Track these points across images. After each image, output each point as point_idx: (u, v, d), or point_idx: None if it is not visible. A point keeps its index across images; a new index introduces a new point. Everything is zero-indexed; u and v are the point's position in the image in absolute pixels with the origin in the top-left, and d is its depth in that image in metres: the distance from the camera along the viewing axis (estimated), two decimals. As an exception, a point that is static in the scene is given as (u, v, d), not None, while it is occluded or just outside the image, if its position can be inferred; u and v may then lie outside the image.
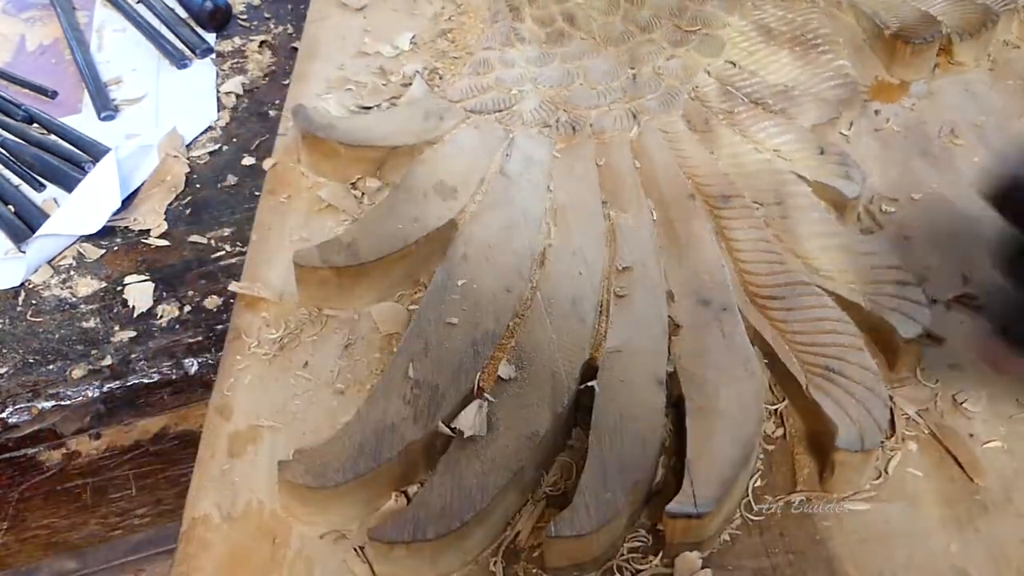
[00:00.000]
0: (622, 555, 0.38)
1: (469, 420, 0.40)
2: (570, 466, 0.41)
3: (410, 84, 0.63)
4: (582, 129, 0.58)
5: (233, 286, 0.50)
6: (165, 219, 0.57)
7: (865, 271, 0.47)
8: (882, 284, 0.46)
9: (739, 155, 0.55)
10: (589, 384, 0.42)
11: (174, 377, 0.50)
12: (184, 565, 0.39)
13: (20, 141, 0.62)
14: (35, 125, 0.64)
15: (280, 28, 0.75)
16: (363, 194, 0.55)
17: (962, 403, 0.43)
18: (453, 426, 0.40)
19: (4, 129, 0.62)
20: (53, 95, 0.67)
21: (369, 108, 0.62)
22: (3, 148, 0.61)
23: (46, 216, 0.56)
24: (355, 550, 0.39)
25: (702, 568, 0.38)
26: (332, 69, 0.66)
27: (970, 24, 0.63)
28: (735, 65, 0.62)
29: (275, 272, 0.51)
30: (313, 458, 0.39)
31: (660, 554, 0.38)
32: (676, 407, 0.42)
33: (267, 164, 0.58)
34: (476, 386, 0.42)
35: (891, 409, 0.43)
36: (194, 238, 0.56)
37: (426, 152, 0.55)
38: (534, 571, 0.38)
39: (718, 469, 0.38)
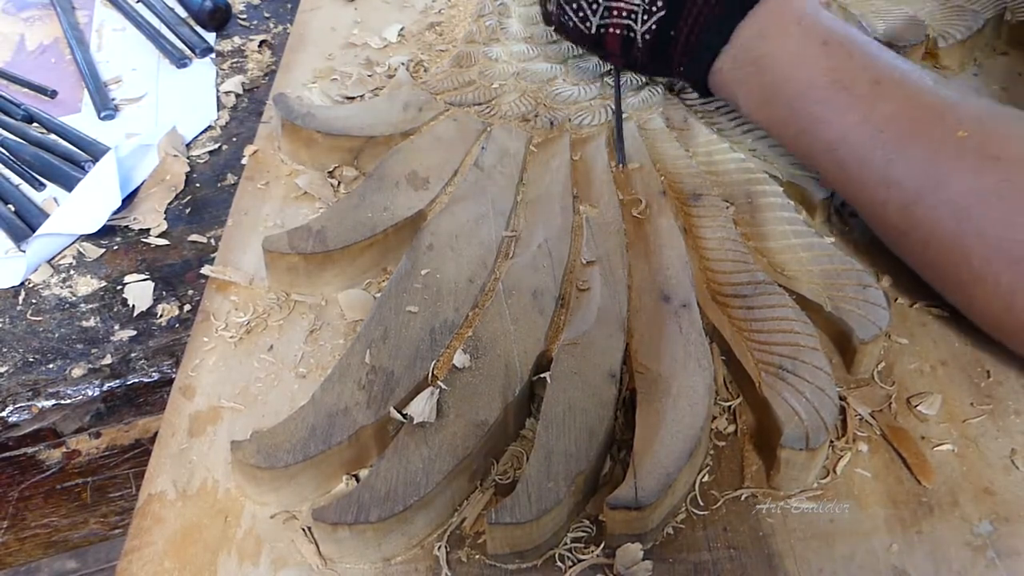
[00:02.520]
0: (565, 544, 0.39)
1: (419, 407, 0.40)
2: (522, 455, 0.42)
3: (395, 75, 0.63)
4: (560, 124, 0.58)
5: (205, 269, 0.51)
6: (165, 218, 0.57)
7: (829, 272, 0.47)
8: (844, 285, 0.46)
9: (714, 153, 0.56)
10: (542, 375, 0.42)
11: (174, 376, 0.50)
12: (137, 539, 0.40)
13: (20, 140, 0.62)
14: (35, 124, 0.64)
15: (280, 28, 0.75)
16: (339, 183, 0.56)
17: (917, 406, 0.43)
18: (404, 412, 0.40)
19: (4, 128, 0.62)
20: (53, 94, 0.67)
21: (353, 98, 0.63)
22: (3, 147, 0.61)
23: (46, 215, 0.56)
24: (303, 530, 0.39)
25: (643, 560, 0.38)
26: (320, 59, 0.67)
27: (956, 29, 0.63)
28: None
29: (248, 257, 0.52)
30: (265, 439, 0.40)
31: (602, 544, 0.38)
32: (632, 401, 0.43)
33: (248, 151, 0.59)
34: (431, 374, 0.42)
35: (844, 409, 0.43)
36: (194, 237, 0.56)
37: (402, 143, 0.55)
38: (477, 557, 0.39)
39: (662, 462, 0.38)
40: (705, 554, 0.39)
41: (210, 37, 0.72)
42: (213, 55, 0.71)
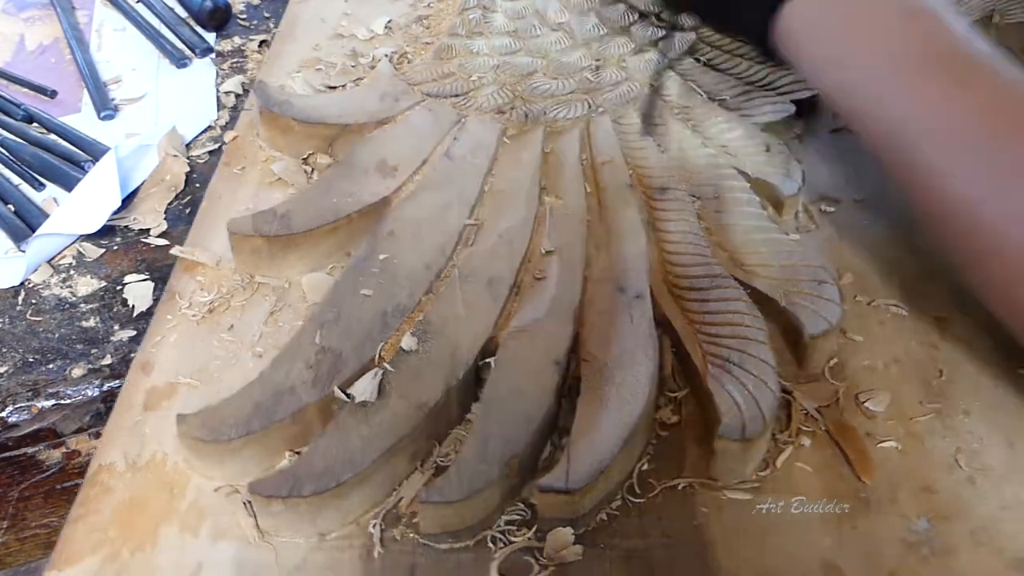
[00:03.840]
0: (499, 527, 0.39)
1: (362, 387, 0.41)
2: (464, 439, 0.42)
3: (376, 66, 0.64)
4: (536, 117, 0.59)
5: (174, 250, 0.52)
6: (165, 218, 0.56)
7: (787, 268, 0.47)
8: (801, 281, 0.46)
9: (686, 149, 0.56)
10: (487, 360, 0.43)
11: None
12: (83, 507, 0.41)
13: (20, 140, 0.62)
14: (35, 124, 0.64)
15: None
16: (313, 169, 0.57)
17: (865, 402, 0.43)
18: (348, 392, 0.41)
19: (4, 128, 0.63)
20: (53, 94, 0.67)
21: (334, 88, 0.63)
22: (3, 147, 0.61)
23: (46, 215, 0.56)
24: (244, 504, 0.40)
25: (574, 544, 0.38)
26: (307, 49, 0.68)
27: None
28: (700, 62, 0.63)
29: (217, 239, 0.53)
30: (211, 414, 0.41)
31: (535, 528, 0.39)
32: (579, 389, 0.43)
33: (228, 137, 0.60)
34: (378, 355, 0.43)
35: (789, 404, 0.43)
36: (194, 237, 0.56)
37: (375, 131, 0.56)
38: (411, 536, 0.39)
39: (596, 449, 0.39)
40: (638, 541, 0.39)
41: (210, 37, 0.73)
42: (213, 55, 0.71)
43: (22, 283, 0.53)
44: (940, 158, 0.41)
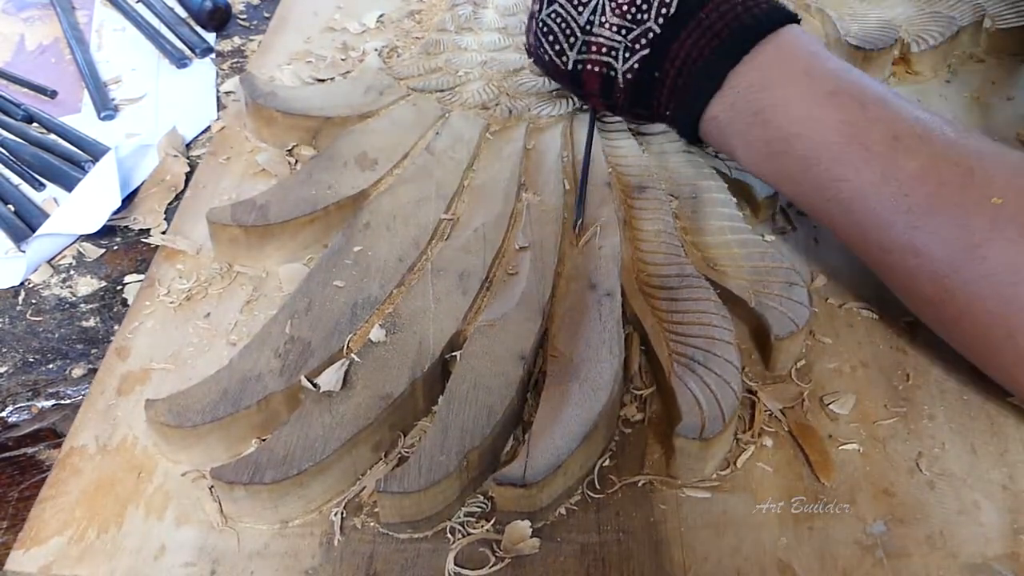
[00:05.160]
0: (458, 518, 0.40)
1: (328, 377, 0.41)
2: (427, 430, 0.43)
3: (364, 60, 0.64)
4: (519, 113, 0.59)
5: (155, 238, 0.53)
6: (165, 218, 0.56)
7: (759, 269, 0.47)
8: (772, 283, 0.46)
9: (667, 149, 0.56)
10: (454, 353, 0.43)
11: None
12: (53, 488, 0.41)
13: (20, 140, 0.62)
14: (35, 124, 0.64)
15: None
16: (296, 161, 0.58)
17: (829, 404, 0.43)
18: (314, 381, 0.42)
19: (4, 128, 0.63)
20: (53, 95, 0.67)
21: (323, 81, 0.64)
22: (3, 147, 0.61)
23: (46, 215, 0.56)
24: (209, 489, 0.41)
25: (532, 537, 0.39)
26: (298, 42, 0.69)
27: (930, 34, 0.63)
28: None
29: (199, 228, 0.53)
30: (178, 400, 0.41)
31: (493, 520, 0.39)
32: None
33: (215, 127, 0.61)
34: (346, 346, 0.43)
35: (753, 404, 0.43)
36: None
37: (357, 124, 0.57)
38: (371, 525, 0.40)
39: (556, 444, 0.39)
40: (594, 536, 0.39)
41: (210, 37, 0.73)
42: (213, 55, 0.71)
43: (22, 283, 0.53)
44: (889, 234, 0.41)
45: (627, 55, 0.47)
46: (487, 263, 0.48)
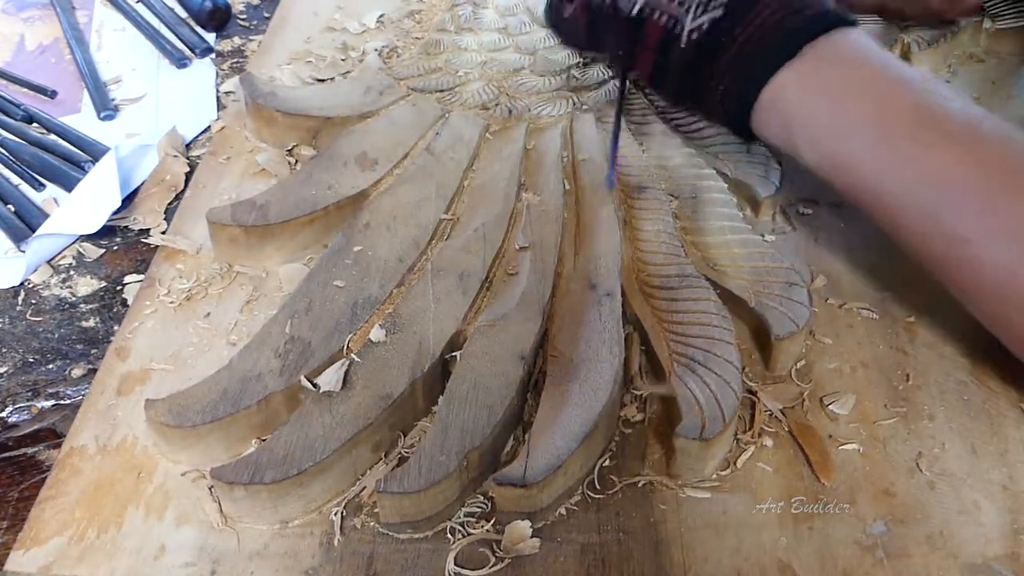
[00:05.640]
0: (458, 518, 0.40)
1: (328, 377, 0.41)
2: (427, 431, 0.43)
3: (364, 60, 0.64)
4: (519, 113, 0.59)
5: (155, 238, 0.53)
6: (165, 218, 0.56)
7: (759, 269, 0.47)
8: (772, 283, 0.46)
9: (667, 148, 0.56)
10: (454, 354, 0.43)
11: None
12: (53, 488, 0.41)
13: (20, 140, 0.62)
14: (35, 124, 0.64)
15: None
16: (296, 161, 0.57)
17: (829, 405, 0.43)
18: (314, 381, 0.42)
19: (4, 128, 0.62)
20: (53, 95, 0.67)
21: (323, 80, 0.64)
22: (3, 147, 0.61)
23: (46, 215, 0.56)
24: (208, 490, 0.41)
25: (532, 538, 0.39)
26: (298, 42, 0.69)
27: (930, 34, 0.63)
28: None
29: (199, 228, 0.53)
30: (178, 400, 0.41)
31: (493, 520, 0.39)
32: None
33: (215, 127, 0.61)
34: (346, 346, 0.43)
35: (753, 404, 0.43)
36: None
37: (357, 124, 0.57)
38: (371, 525, 0.40)
39: (556, 444, 0.39)
40: (594, 536, 0.39)
41: (210, 37, 0.72)
42: (213, 55, 0.71)
43: (22, 283, 0.53)
44: (965, 225, 0.39)
45: (699, 11, 0.45)
46: (487, 263, 0.48)
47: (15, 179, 0.60)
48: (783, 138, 0.45)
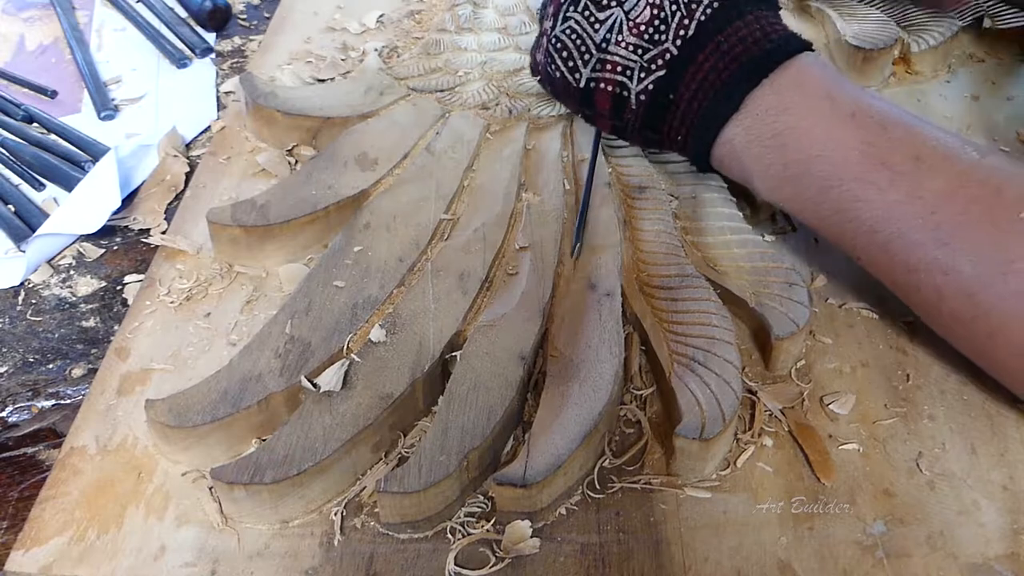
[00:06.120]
0: (458, 518, 0.40)
1: (328, 377, 0.41)
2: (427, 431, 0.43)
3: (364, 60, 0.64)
4: (520, 113, 0.59)
5: (156, 238, 0.53)
6: (165, 218, 0.56)
7: (759, 269, 0.47)
8: (772, 283, 0.46)
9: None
10: (454, 354, 0.43)
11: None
12: (53, 489, 0.41)
13: (20, 140, 0.62)
14: (35, 124, 0.64)
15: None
16: (296, 161, 0.58)
17: (829, 404, 0.43)
18: (314, 381, 0.42)
19: (4, 128, 0.62)
20: (53, 95, 0.67)
21: (323, 81, 0.64)
22: (3, 147, 0.61)
23: (46, 215, 0.56)
24: (209, 490, 0.41)
25: (532, 537, 0.39)
26: (298, 42, 0.69)
27: (930, 34, 0.63)
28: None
29: (199, 228, 0.53)
30: (179, 400, 0.41)
31: (493, 520, 0.39)
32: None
33: (215, 127, 0.61)
34: (346, 346, 0.43)
35: (753, 404, 0.43)
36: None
37: (357, 124, 0.57)
38: (372, 525, 0.40)
39: (556, 444, 0.39)
40: (594, 536, 0.39)
41: (210, 37, 0.72)
42: (213, 55, 0.71)
43: (22, 283, 0.53)
44: (915, 253, 0.40)
45: (642, 75, 0.46)
46: (487, 263, 0.48)
47: (15, 179, 0.60)
48: (744, 181, 0.47)
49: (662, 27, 0.45)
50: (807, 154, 0.43)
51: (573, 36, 0.48)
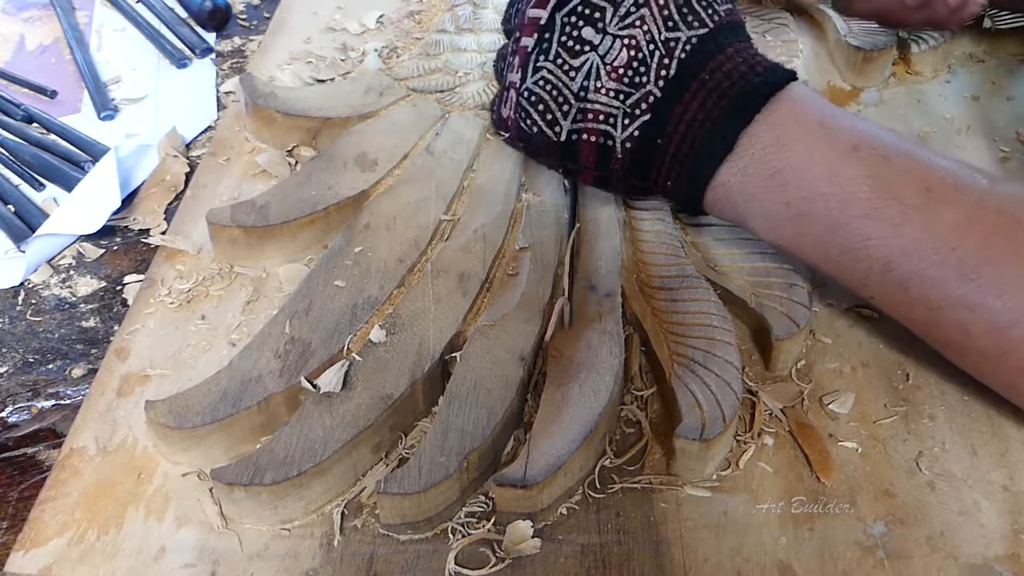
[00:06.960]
0: (459, 519, 0.40)
1: (328, 378, 0.41)
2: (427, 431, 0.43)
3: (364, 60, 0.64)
4: (519, 114, 0.59)
5: (156, 239, 0.53)
6: (165, 218, 0.56)
7: (760, 270, 0.47)
8: (773, 283, 0.46)
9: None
10: (454, 354, 0.43)
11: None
12: (53, 490, 0.41)
13: (20, 140, 0.61)
14: (35, 124, 0.63)
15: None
16: (296, 162, 0.57)
17: (828, 404, 0.43)
18: (314, 382, 0.42)
19: (4, 128, 0.62)
20: (53, 95, 0.66)
21: (323, 81, 0.64)
22: (3, 147, 0.61)
23: (46, 215, 0.56)
24: (208, 491, 0.41)
25: (532, 538, 0.39)
26: (298, 42, 0.69)
27: (930, 35, 0.63)
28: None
29: (199, 229, 0.53)
30: (179, 401, 0.41)
31: (493, 520, 0.39)
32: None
33: (216, 127, 0.61)
34: (346, 347, 0.43)
35: (754, 404, 0.43)
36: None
37: (357, 125, 0.57)
38: (372, 526, 0.40)
39: (556, 444, 0.39)
40: (595, 536, 0.39)
41: (210, 37, 0.72)
42: (213, 55, 0.70)
43: (22, 283, 0.53)
44: (937, 290, 0.39)
45: (626, 121, 0.44)
46: (487, 264, 0.48)
47: (15, 179, 0.59)
48: (739, 223, 0.45)
49: (641, 68, 0.43)
50: (810, 192, 0.40)
51: (548, 87, 0.45)
